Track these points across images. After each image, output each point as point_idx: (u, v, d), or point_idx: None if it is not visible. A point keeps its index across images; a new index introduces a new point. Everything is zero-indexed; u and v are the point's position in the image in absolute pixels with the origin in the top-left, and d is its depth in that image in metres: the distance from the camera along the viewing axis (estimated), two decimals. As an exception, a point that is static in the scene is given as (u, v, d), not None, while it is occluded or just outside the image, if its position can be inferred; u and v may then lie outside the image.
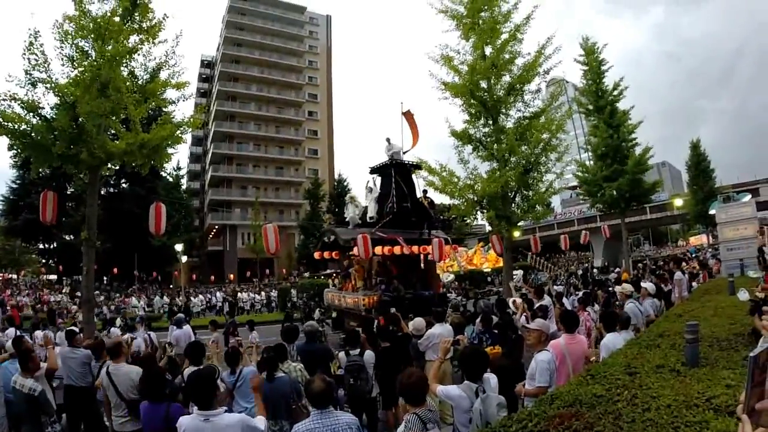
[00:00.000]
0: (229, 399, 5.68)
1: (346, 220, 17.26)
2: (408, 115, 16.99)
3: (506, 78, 14.96)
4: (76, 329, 8.66)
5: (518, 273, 26.66)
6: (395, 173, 15.96)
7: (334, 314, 17.27)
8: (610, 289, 11.95)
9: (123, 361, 5.76)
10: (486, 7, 14.91)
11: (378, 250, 14.08)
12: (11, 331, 11.95)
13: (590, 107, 23.14)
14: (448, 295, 19.86)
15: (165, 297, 33.04)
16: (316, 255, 18.43)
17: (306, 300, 27.03)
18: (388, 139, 16.66)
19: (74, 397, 6.88)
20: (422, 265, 16.55)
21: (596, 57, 22.77)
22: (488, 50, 14.90)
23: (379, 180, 17.01)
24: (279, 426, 5.49)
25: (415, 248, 14.80)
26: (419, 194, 16.47)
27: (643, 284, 10.54)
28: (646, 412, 3.06)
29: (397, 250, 14.28)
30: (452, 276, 26.94)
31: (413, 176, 16.65)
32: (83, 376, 6.77)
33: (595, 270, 31.29)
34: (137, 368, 5.67)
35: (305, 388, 4.08)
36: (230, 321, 13.76)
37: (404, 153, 16.81)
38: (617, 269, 28.46)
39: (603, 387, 3.73)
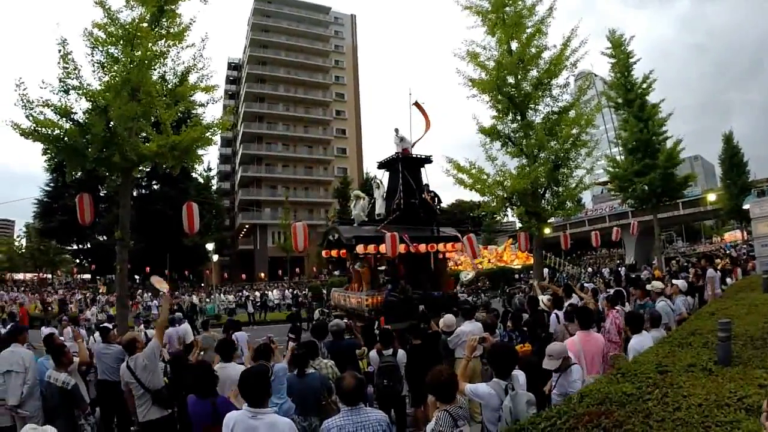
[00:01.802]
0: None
1: (352, 218, 16.83)
2: (418, 105, 16.71)
3: (533, 72, 14.77)
4: (110, 326, 8.88)
5: (544, 271, 26.30)
6: (403, 168, 15.65)
7: (335, 314, 16.46)
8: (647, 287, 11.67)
9: (139, 353, 5.89)
10: (510, 2, 14.72)
11: (383, 248, 13.66)
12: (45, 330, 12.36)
13: (619, 101, 22.72)
14: (460, 295, 19.05)
15: (194, 296, 33.57)
16: (324, 254, 18.28)
17: (311, 300, 27.21)
18: (396, 130, 16.28)
19: (107, 391, 7.06)
20: (432, 264, 15.89)
21: (624, 49, 22.35)
22: (514, 45, 14.74)
23: (387, 175, 16.75)
24: (308, 422, 5.54)
25: (422, 246, 14.36)
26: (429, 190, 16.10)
27: (674, 281, 10.34)
28: (676, 411, 3.03)
29: (402, 248, 13.84)
30: (471, 274, 26.51)
31: (423, 171, 16.32)
32: (117, 371, 6.94)
33: (621, 268, 30.59)
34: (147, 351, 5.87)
35: (336, 384, 4.11)
36: (228, 320, 13.57)
37: (416, 142, 16.49)
38: (648, 267, 27.85)
39: (633, 385, 3.69)
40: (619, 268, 30.03)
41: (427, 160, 16.24)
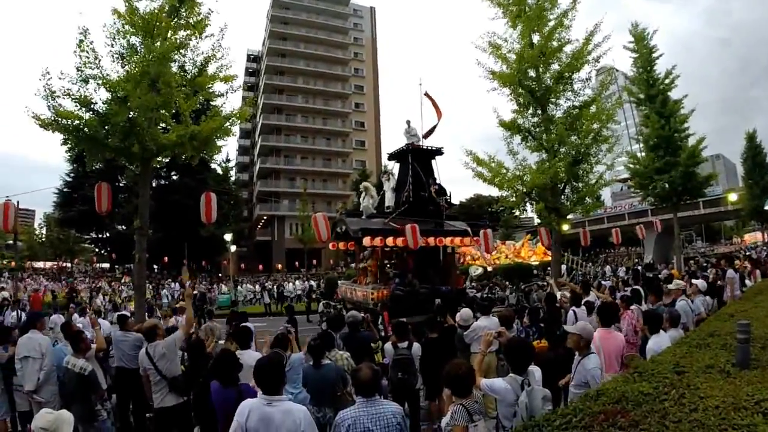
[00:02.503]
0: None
1: (360, 209, 16.64)
2: (429, 97, 16.51)
3: (555, 66, 14.62)
4: (128, 314, 8.99)
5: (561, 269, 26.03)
6: (412, 159, 15.45)
7: (339, 306, 16.28)
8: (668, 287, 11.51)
9: (159, 341, 6.02)
10: (532, -7, 14.61)
11: (390, 241, 13.56)
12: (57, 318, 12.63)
13: (641, 96, 22.39)
14: (469, 291, 18.65)
15: (202, 286, 34.03)
16: (331, 246, 18.12)
17: (323, 292, 27.22)
18: (408, 122, 16.13)
19: (124, 378, 7.15)
20: (441, 258, 15.64)
21: (646, 44, 21.98)
22: (536, 38, 14.60)
23: (397, 167, 16.58)
24: (323, 413, 5.57)
25: (431, 240, 14.11)
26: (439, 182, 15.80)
27: (694, 281, 10.21)
28: (693, 413, 2.98)
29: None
30: (480, 270, 26.16)
31: (433, 163, 16.09)
32: (134, 358, 7.04)
33: (639, 267, 30.17)
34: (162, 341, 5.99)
35: (352, 375, 4.13)
36: (232, 311, 13.64)
37: (427, 134, 16.29)
38: (667, 266, 27.44)
39: (650, 385, 3.63)
40: (637, 267, 29.66)
41: (438, 151, 16.04)
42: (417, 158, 15.64)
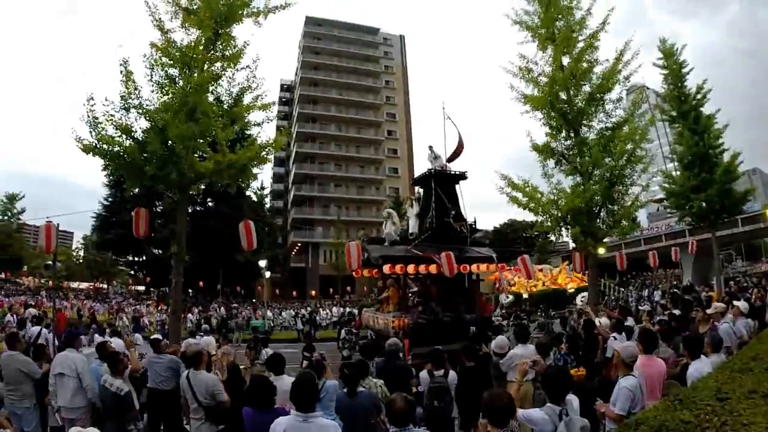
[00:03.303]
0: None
1: (383, 237, 16.53)
2: (451, 121, 16.37)
3: (586, 87, 14.49)
4: (160, 336, 9.13)
5: (586, 294, 25.39)
6: (435, 185, 15.26)
7: (360, 334, 16.16)
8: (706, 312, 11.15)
9: (202, 368, 5.98)
10: (560, 16, 14.59)
11: (411, 269, 13.39)
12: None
13: (673, 113, 21.81)
14: (494, 318, 18.22)
15: (222, 309, 34.59)
16: (355, 273, 17.90)
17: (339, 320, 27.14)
18: (430, 147, 16.04)
19: (157, 399, 7.21)
20: (466, 285, 15.13)
21: (676, 59, 21.60)
22: (566, 60, 14.53)
23: (423, 193, 16.34)
24: (355, 441, 5.52)
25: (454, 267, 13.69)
26: (462, 208, 15.61)
27: (735, 303, 9.87)
28: (736, 441, 2.88)
29: (433, 269, 13.39)
30: (511, 297, 25.54)
31: (457, 188, 15.85)
32: (167, 380, 7.12)
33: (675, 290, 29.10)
34: (214, 377, 5.94)
35: (386, 405, 4.12)
36: (254, 335, 13.70)
37: (451, 158, 16.06)
38: (705, 288, 26.48)
39: (691, 413, 3.52)
40: (674, 290, 28.67)
41: (462, 176, 15.84)
42: (440, 183, 15.47)
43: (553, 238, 37.57)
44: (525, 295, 29.53)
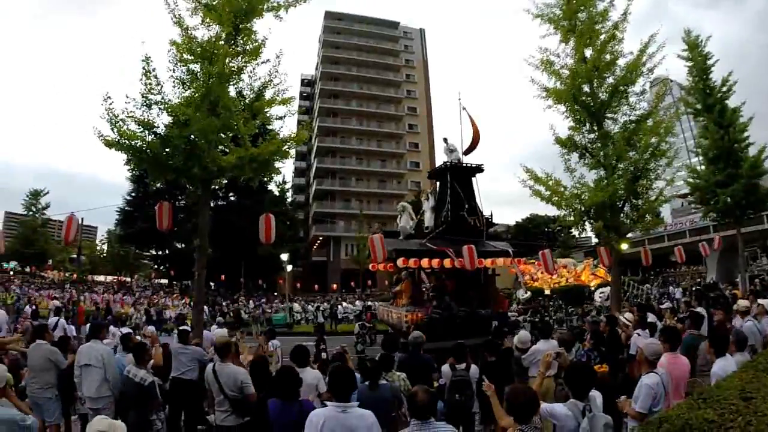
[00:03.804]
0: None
1: (398, 230, 16.53)
2: (468, 114, 16.26)
3: (609, 80, 14.26)
4: (188, 329, 9.27)
5: (605, 291, 25.02)
6: (451, 178, 15.17)
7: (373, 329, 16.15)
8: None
9: (230, 360, 6.02)
10: (582, 8, 14.38)
11: (425, 263, 13.34)
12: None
13: (698, 107, 21.35)
14: (510, 314, 17.96)
15: (239, 303, 34.98)
16: (371, 267, 17.92)
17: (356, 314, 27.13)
18: (445, 139, 15.93)
19: (180, 389, 7.36)
20: (482, 280, 15.17)
21: (700, 51, 21.15)
22: (588, 52, 14.32)
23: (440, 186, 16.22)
24: (376, 434, 5.56)
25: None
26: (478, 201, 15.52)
27: (760, 301, 9.67)
28: (760, 441, 2.83)
29: (447, 263, 13.32)
30: (528, 293, 25.25)
31: (473, 180, 15.74)
32: (191, 370, 7.23)
33: (678, 291, 28.46)
34: (242, 369, 5.94)
35: (408, 399, 4.14)
36: (269, 328, 13.86)
37: (467, 151, 15.93)
38: (729, 286, 25.91)
39: (715, 412, 3.46)
40: (697, 287, 28.11)
41: (478, 169, 15.76)
42: (456, 176, 15.40)
43: (575, 233, 37.08)
44: (547, 291, 29.20)
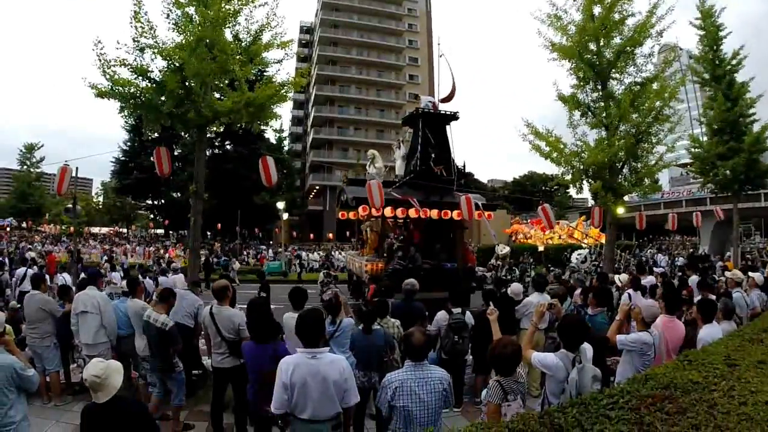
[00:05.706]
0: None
1: (364, 178, 15.95)
2: (445, 61, 15.94)
3: (617, 40, 14.02)
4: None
5: (583, 252, 25.06)
6: (423, 125, 14.75)
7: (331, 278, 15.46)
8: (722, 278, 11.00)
9: (227, 303, 6.05)
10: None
11: (389, 211, 12.95)
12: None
13: (706, 76, 21.15)
14: (479, 269, 17.33)
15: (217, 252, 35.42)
16: (340, 215, 17.78)
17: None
18: (416, 96, 15.72)
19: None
20: (450, 232, 14.81)
21: (713, 21, 20.75)
22: (597, 10, 14.02)
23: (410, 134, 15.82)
24: (368, 377, 5.71)
25: (434, 212, 13.29)
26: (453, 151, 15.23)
27: (751, 274, 9.79)
28: (742, 406, 2.92)
29: (413, 213, 12.95)
30: (507, 249, 25.37)
31: (447, 129, 15.36)
32: (189, 316, 7.30)
33: (679, 259, 28.56)
34: (240, 312, 5.94)
35: (404, 339, 4.16)
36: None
37: (445, 99, 15.61)
38: (722, 258, 26.07)
39: (700, 374, 3.58)
40: (676, 260, 28.23)
41: (453, 116, 15.39)
42: (429, 124, 14.99)
43: (573, 192, 37.03)
44: (541, 248, 29.32)
